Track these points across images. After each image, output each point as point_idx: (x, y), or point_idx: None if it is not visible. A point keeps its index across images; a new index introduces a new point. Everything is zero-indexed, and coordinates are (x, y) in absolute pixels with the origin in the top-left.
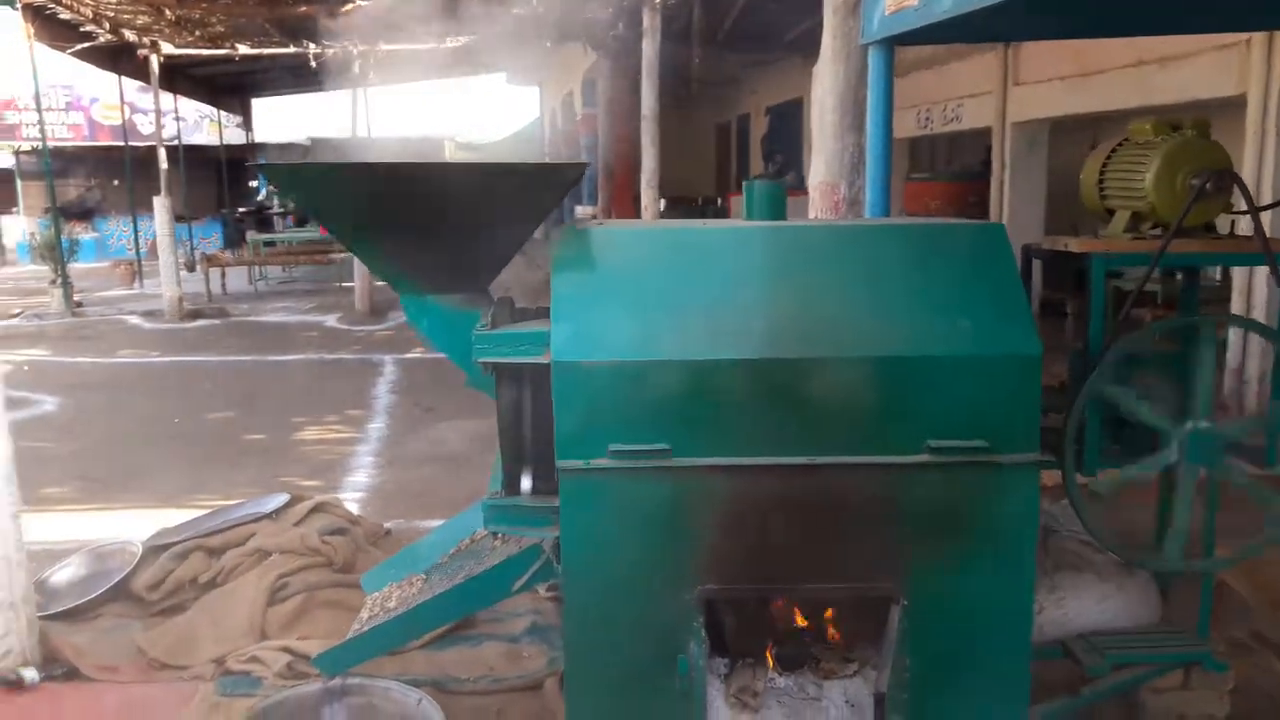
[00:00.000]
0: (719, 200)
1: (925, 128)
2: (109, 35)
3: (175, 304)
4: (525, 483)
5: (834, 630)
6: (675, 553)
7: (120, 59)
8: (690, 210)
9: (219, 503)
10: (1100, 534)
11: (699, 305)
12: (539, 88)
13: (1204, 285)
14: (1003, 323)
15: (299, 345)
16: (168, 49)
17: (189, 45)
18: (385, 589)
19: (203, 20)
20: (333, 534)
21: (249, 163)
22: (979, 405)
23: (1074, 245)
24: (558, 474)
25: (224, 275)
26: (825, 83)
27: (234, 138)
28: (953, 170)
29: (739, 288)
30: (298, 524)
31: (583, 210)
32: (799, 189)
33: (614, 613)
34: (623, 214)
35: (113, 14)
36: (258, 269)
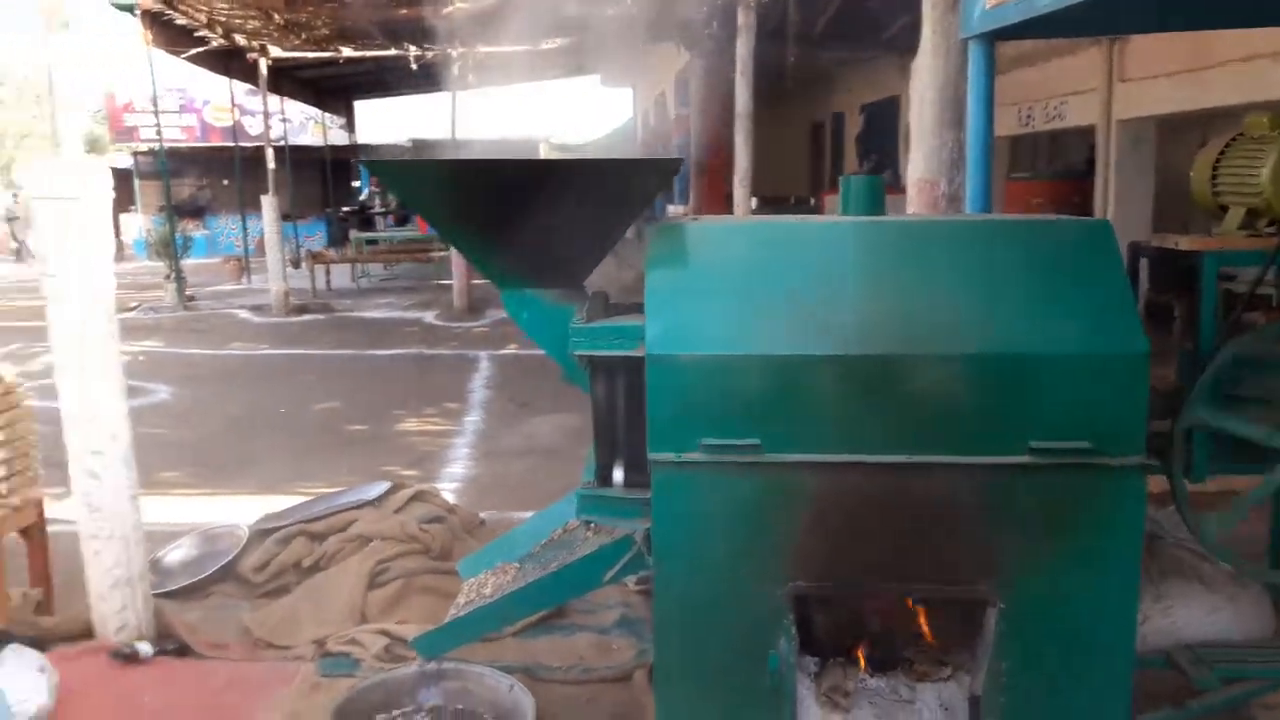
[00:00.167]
0: (812, 199)
1: (1027, 126)
2: (221, 40)
3: (282, 299)
4: (617, 474)
5: (927, 632)
6: (766, 548)
7: (231, 62)
8: (783, 209)
9: (322, 490)
10: (1213, 545)
11: (793, 300)
12: (632, 89)
13: None
14: (1108, 321)
15: (399, 340)
16: (276, 52)
17: (295, 49)
18: (480, 576)
19: (309, 24)
20: (431, 522)
21: (356, 159)
22: (1083, 406)
23: (1184, 243)
24: (650, 466)
25: (328, 272)
26: (924, 78)
27: (337, 139)
28: (1055, 169)
29: (834, 283)
30: (397, 512)
31: (674, 209)
32: (895, 188)
33: (704, 606)
34: (714, 213)
35: (225, 19)
36: (360, 266)
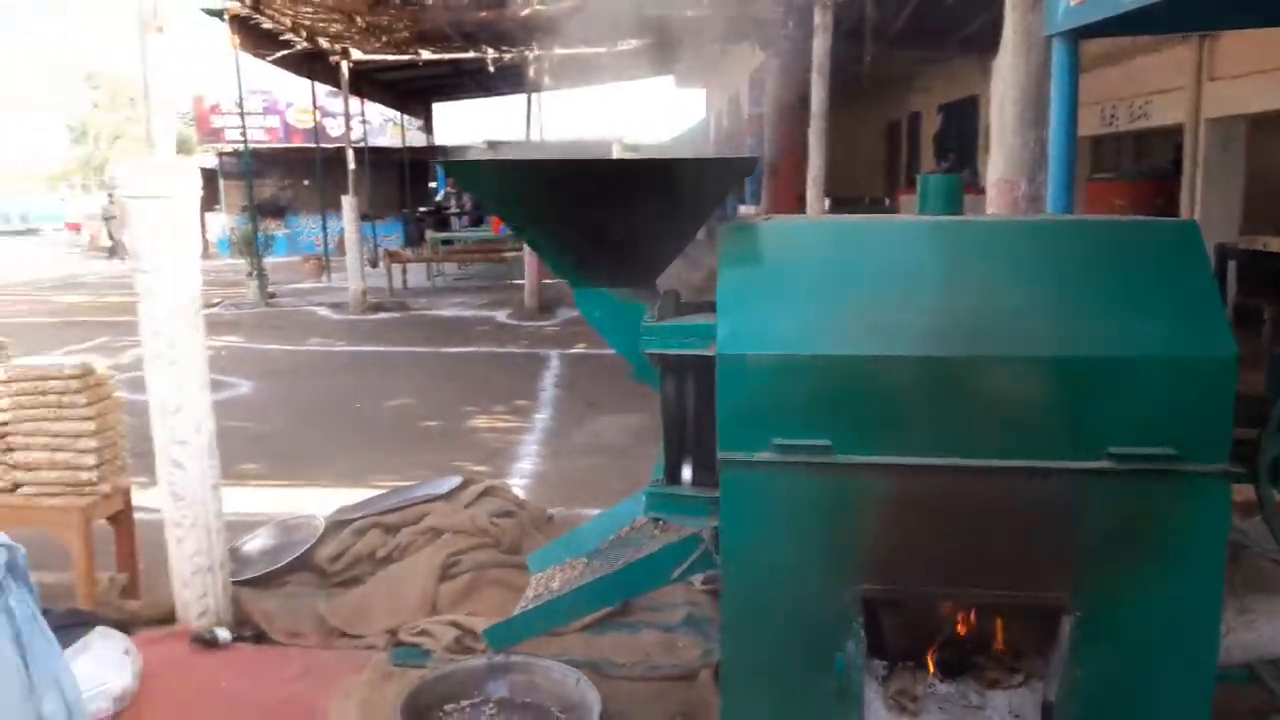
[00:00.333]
0: (887, 200)
1: (1110, 125)
2: (305, 43)
3: (359, 297)
4: (686, 473)
5: (999, 638)
6: (835, 550)
7: (313, 65)
8: (857, 210)
9: (396, 483)
10: None
11: (867, 300)
12: (706, 90)
13: None
14: (1194, 323)
15: (472, 338)
16: (357, 55)
17: (376, 51)
18: (549, 570)
19: (390, 27)
20: (501, 517)
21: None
22: (1166, 410)
23: (1275, 245)
24: (719, 465)
25: (404, 271)
26: (1005, 77)
27: (415, 140)
28: (1139, 170)
29: (910, 283)
30: (469, 506)
31: (746, 210)
32: (973, 188)
33: (771, 606)
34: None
35: (309, 23)
36: (435, 266)
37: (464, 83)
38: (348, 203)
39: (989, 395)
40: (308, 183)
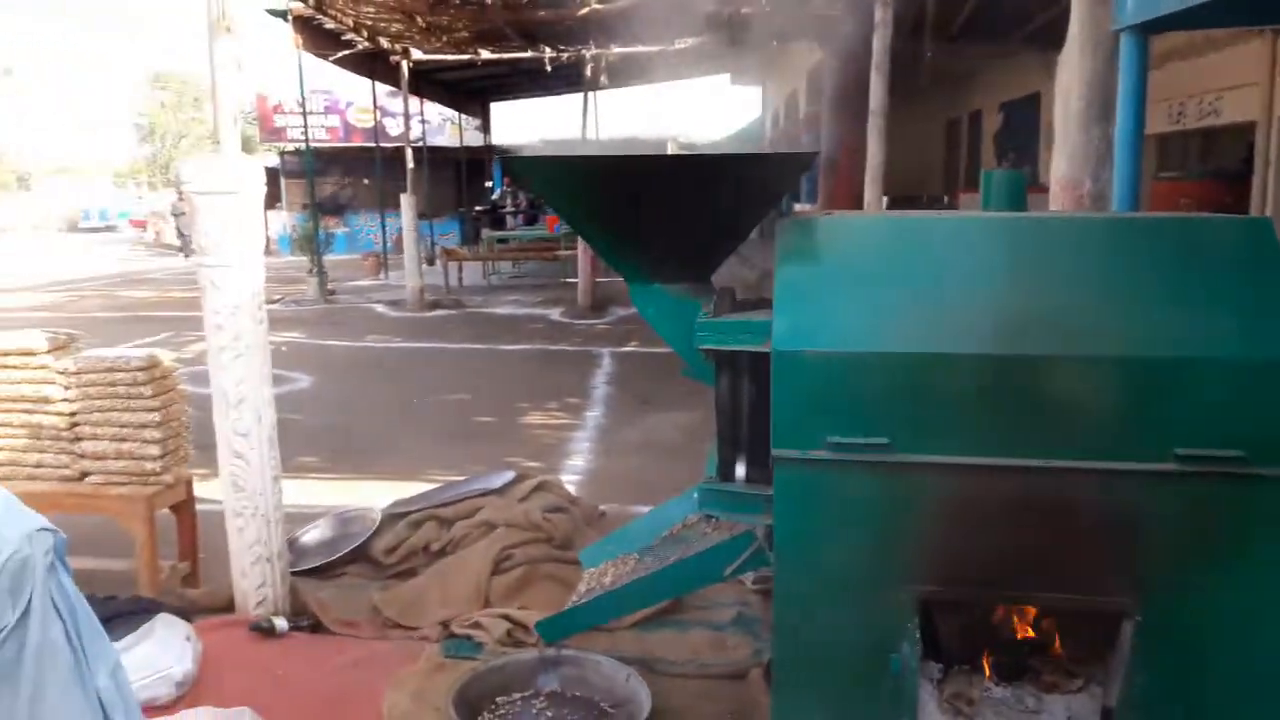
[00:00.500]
0: (946, 198)
1: (1177, 123)
2: (366, 43)
3: (416, 294)
4: (740, 470)
5: (1057, 642)
6: (891, 550)
7: (374, 65)
8: (916, 208)
9: (450, 477)
10: None
11: (926, 297)
12: (762, 88)
13: None
14: (1267, 324)
15: (525, 336)
16: (417, 55)
17: (436, 51)
18: (601, 566)
19: (450, 26)
20: (553, 512)
21: (490, 159)
22: (1236, 412)
23: None
24: (773, 463)
25: (460, 269)
26: (1071, 73)
27: (471, 140)
28: (1208, 168)
29: (970, 280)
30: (522, 500)
31: (802, 209)
32: (1034, 186)
33: (825, 606)
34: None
35: (370, 22)
36: (490, 264)
37: (522, 82)
38: (406, 201)
39: (1052, 395)
40: (367, 181)
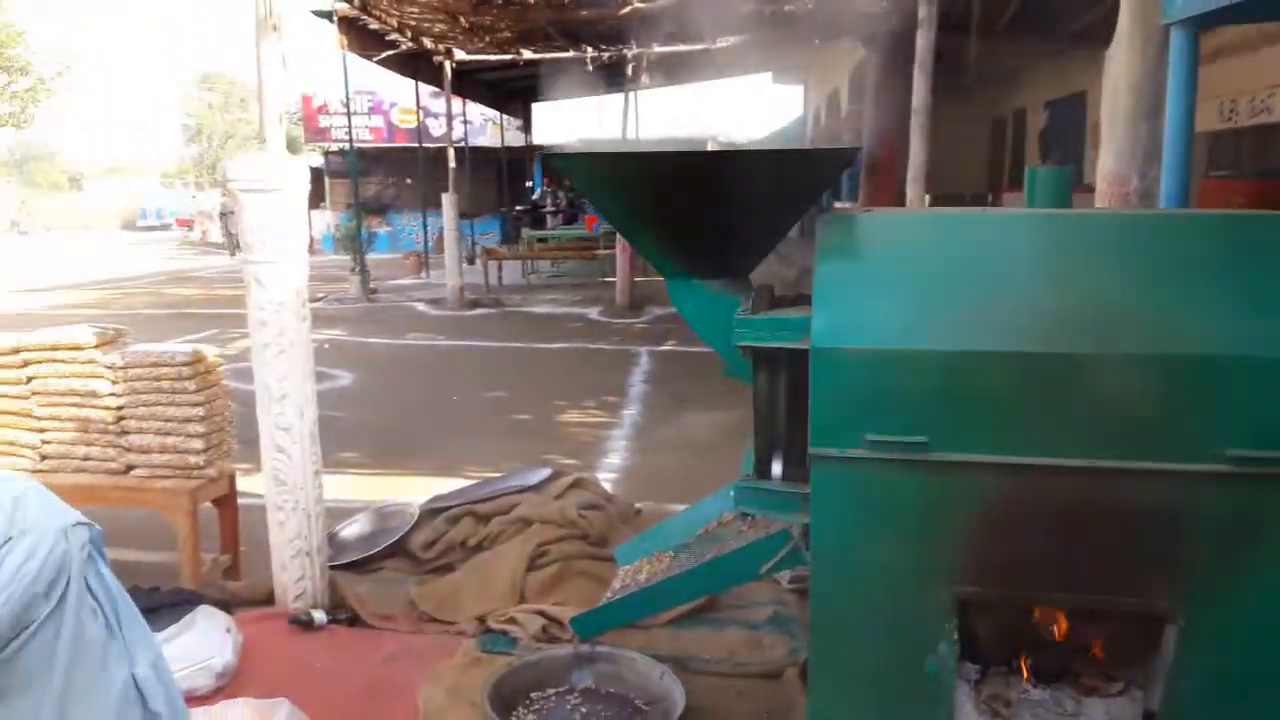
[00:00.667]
0: (990, 197)
1: (1229, 120)
2: (410, 43)
3: (457, 293)
4: (776, 467)
5: (1097, 645)
6: (929, 550)
7: (418, 65)
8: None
9: (488, 473)
10: None
11: (968, 295)
12: (803, 86)
13: None
14: None
15: (564, 334)
16: (460, 55)
17: (479, 51)
18: (636, 563)
19: (493, 26)
20: (589, 509)
21: (530, 159)
22: None
23: None
24: (810, 461)
25: (500, 268)
26: (1119, 69)
27: (512, 140)
28: (1261, 167)
29: (1014, 277)
30: (558, 497)
31: (842, 207)
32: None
33: (862, 605)
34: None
35: (414, 23)
36: (530, 263)
37: (563, 82)
38: (448, 201)
39: (1096, 393)
40: (409, 181)
